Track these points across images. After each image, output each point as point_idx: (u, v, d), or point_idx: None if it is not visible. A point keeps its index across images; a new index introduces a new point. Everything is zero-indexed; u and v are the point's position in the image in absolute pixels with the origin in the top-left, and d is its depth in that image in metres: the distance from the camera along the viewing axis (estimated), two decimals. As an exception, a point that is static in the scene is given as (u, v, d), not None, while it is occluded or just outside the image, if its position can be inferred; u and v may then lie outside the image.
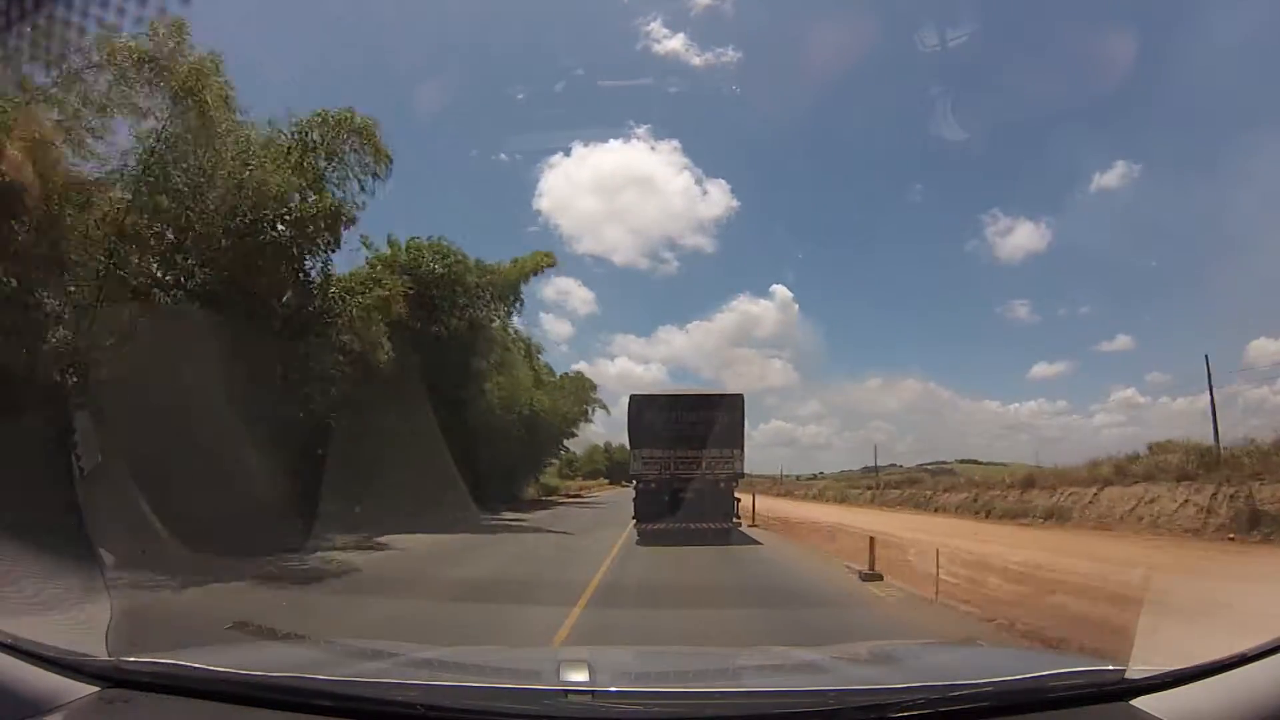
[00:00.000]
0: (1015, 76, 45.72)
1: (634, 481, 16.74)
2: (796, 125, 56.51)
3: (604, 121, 45.48)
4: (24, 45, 1.99)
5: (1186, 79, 40.83)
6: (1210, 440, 18.54)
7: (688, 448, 15.95)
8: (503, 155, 50.05)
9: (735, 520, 16.25)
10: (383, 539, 14.43)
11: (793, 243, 60.88)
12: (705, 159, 62.35)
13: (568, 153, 52.82)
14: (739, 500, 16.62)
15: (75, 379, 11.60)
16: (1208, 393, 19.53)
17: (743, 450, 16.32)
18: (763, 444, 64.64)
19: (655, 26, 58.42)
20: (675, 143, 54.69)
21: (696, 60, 49.48)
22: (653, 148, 52.46)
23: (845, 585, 10.20)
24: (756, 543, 16.17)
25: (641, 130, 50.29)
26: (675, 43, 57.68)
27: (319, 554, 11.97)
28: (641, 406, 16.85)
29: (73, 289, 11.54)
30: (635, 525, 16.04)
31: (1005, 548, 12.86)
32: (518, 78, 54.70)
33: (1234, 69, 37.90)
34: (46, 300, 11.39)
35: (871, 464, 47.58)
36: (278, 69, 31.44)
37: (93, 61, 11.04)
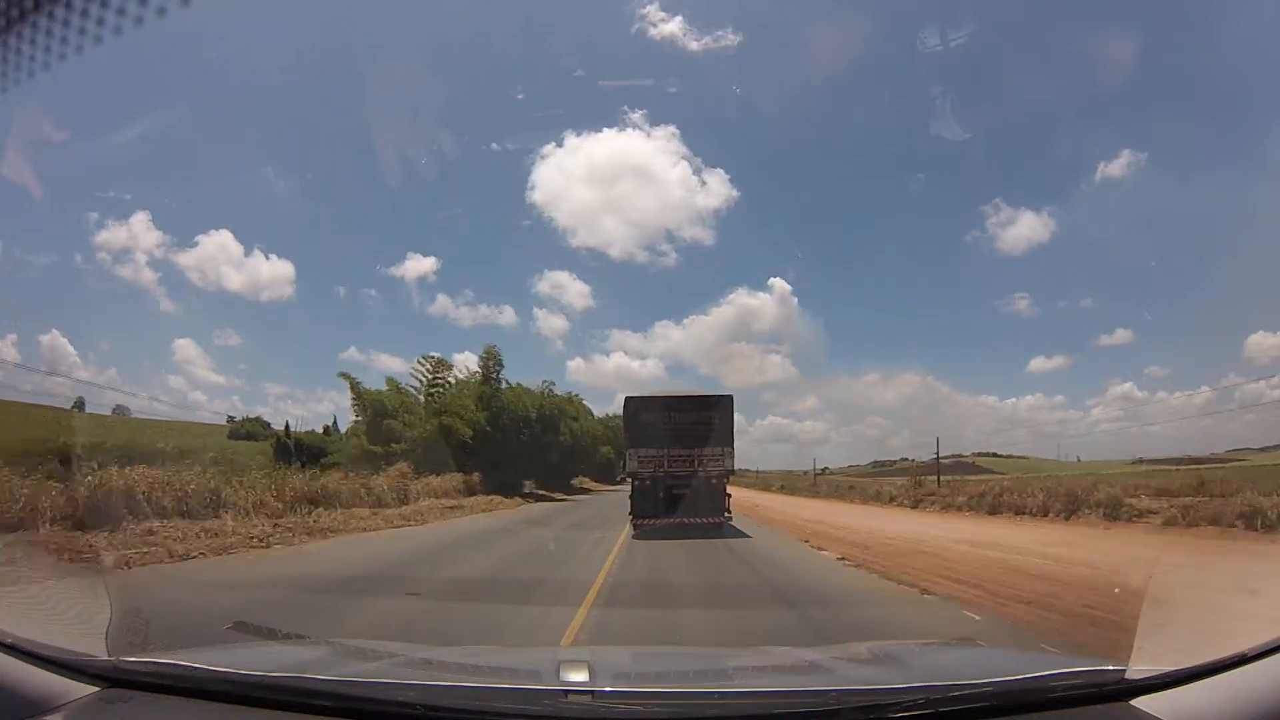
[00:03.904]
0: (1021, 62, 45.38)
1: (630, 479, 17.55)
2: (797, 110, 54.84)
3: (598, 108, 44.15)
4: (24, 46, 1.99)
5: (1196, 66, 40.36)
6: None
7: (681, 446, 16.80)
8: (494, 145, 48.08)
9: (727, 515, 16.99)
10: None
11: (791, 235, 59.54)
12: (704, 147, 60.76)
13: (560, 143, 52.02)
14: (730, 496, 17.45)
15: None
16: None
17: (733, 448, 17.31)
18: (760, 439, 64.11)
19: (652, 10, 56.68)
20: (673, 128, 52.62)
21: (694, 44, 48.41)
22: (649, 135, 51.39)
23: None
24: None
25: (637, 116, 48.13)
26: (673, 25, 56.41)
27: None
28: (637, 407, 17.79)
29: None
30: (631, 521, 16.61)
31: None
32: (508, 65, 53.34)
33: (1246, 56, 37.34)
34: None
35: (877, 459, 47.28)
36: (273, 61, 31.45)
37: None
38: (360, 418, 32.51)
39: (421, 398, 33.82)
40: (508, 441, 32.43)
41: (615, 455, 53.24)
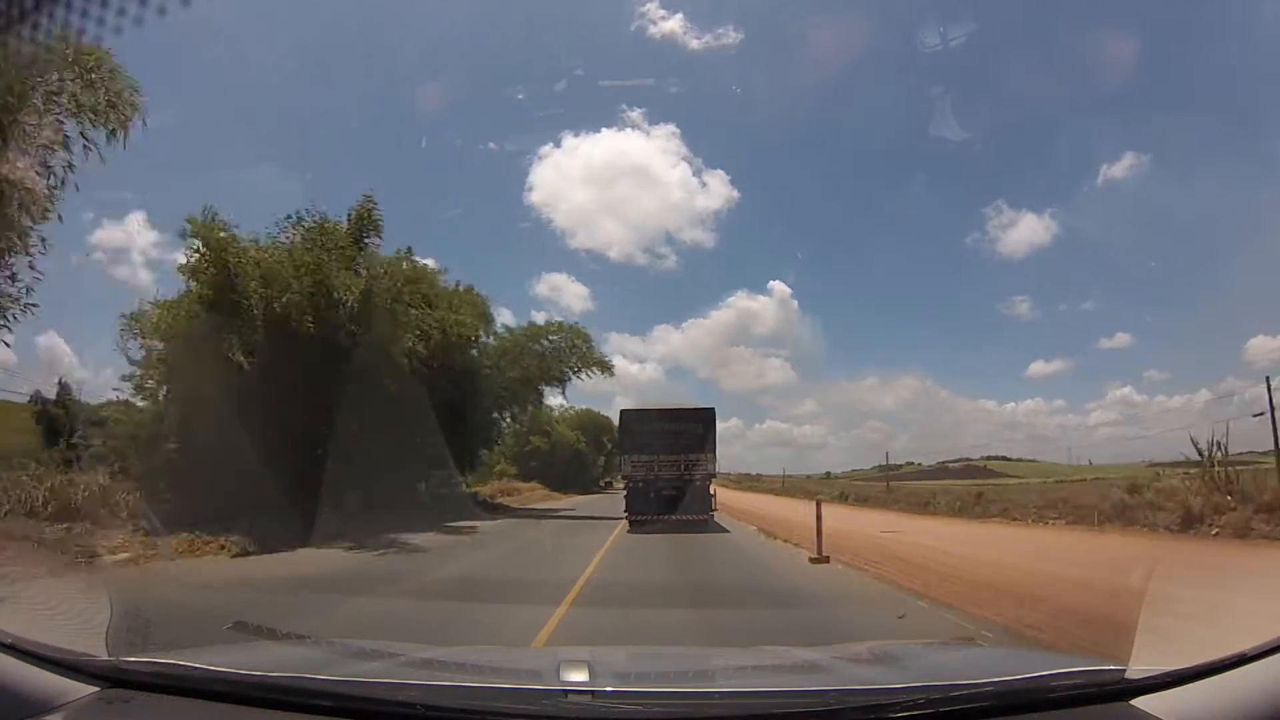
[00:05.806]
0: (1023, 62, 45.21)
1: (625, 482, 20.21)
2: (798, 109, 54.44)
3: (597, 107, 43.77)
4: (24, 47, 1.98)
5: (1199, 67, 40.04)
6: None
7: (669, 453, 19.27)
8: (491, 145, 47.72)
9: (711, 513, 19.14)
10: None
11: (792, 237, 59.72)
12: (704, 148, 59.71)
13: (558, 143, 51.52)
14: (714, 495, 19.76)
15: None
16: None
17: (715, 455, 20.09)
18: (759, 444, 64.00)
19: (651, 7, 56.09)
20: (672, 128, 51.43)
21: (695, 43, 48.51)
22: (648, 134, 50.98)
23: None
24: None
25: (636, 115, 47.62)
26: (673, 23, 56.24)
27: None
28: (630, 419, 20.81)
29: None
30: (627, 518, 18.74)
31: None
32: (506, 63, 52.71)
33: (1249, 58, 37.02)
34: None
35: (881, 463, 46.95)
36: (272, 62, 31.35)
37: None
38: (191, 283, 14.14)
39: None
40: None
41: (589, 445, 49.60)
